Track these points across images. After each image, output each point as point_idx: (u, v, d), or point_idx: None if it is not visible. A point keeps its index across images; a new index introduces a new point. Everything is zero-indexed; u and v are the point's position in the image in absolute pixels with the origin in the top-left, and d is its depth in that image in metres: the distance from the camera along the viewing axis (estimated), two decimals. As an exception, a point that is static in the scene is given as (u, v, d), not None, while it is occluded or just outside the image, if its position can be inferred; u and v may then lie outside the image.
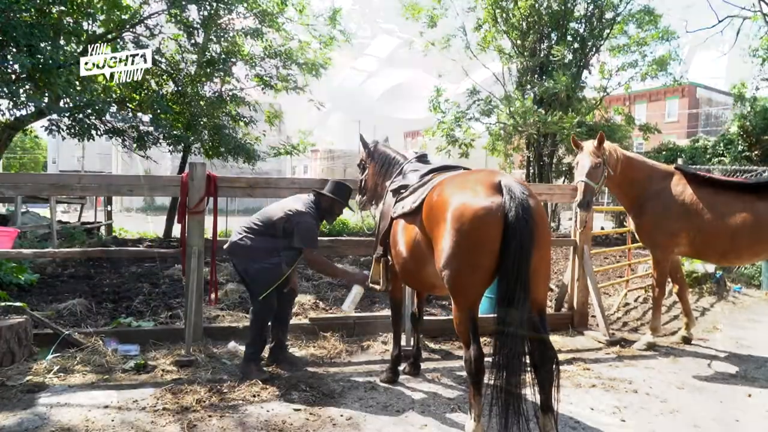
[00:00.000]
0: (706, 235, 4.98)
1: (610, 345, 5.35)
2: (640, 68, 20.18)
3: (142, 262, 9.34)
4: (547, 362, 2.89)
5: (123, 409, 3.58)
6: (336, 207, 4.42)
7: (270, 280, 4.15)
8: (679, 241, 5.10)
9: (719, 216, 4.91)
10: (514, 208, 2.84)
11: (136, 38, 11.68)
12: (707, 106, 40.92)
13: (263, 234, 4.17)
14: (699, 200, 4.99)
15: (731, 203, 4.92)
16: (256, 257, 4.15)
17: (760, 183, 5.04)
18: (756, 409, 3.86)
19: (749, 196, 4.91)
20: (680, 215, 5.01)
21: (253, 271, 4.18)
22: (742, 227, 4.83)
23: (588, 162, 5.02)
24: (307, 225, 4.14)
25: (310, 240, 4.16)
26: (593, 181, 4.97)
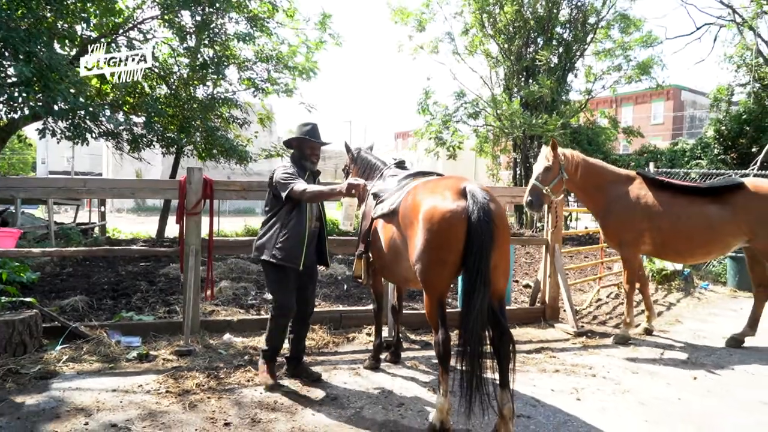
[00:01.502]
0: (665, 235, 5.44)
1: (578, 336, 5.80)
2: (624, 72, 20.73)
3: (139, 261, 9.70)
4: (504, 344, 3.30)
5: (130, 392, 3.95)
6: (303, 146, 4.25)
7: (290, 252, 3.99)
8: (644, 240, 5.55)
9: (676, 218, 5.38)
10: (477, 211, 3.25)
11: (129, 42, 11.98)
12: (692, 108, 41.69)
13: (268, 215, 4.15)
14: (658, 203, 5.45)
15: (687, 206, 5.39)
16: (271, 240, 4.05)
17: (711, 187, 5.50)
18: (697, 389, 4.31)
19: (702, 199, 5.38)
20: (642, 217, 5.46)
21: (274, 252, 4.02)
22: (696, 228, 5.30)
23: (540, 165, 5.55)
24: (280, 172, 4.03)
25: (287, 182, 3.94)
26: (543, 183, 5.48)
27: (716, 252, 5.65)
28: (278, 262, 3.99)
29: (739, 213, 5.22)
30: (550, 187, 5.50)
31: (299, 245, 4.03)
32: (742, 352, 5.39)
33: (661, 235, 5.48)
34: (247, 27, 13.24)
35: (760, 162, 12.64)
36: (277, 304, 4.12)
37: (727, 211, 5.26)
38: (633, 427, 3.59)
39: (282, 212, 4.06)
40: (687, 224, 5.36)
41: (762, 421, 3.74)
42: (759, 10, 14.03)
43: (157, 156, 14.42)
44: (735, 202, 5.26)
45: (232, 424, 3.47)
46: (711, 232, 5.31)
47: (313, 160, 4.31)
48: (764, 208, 5.17)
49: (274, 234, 4.05)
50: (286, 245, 4.00)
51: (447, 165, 28.03)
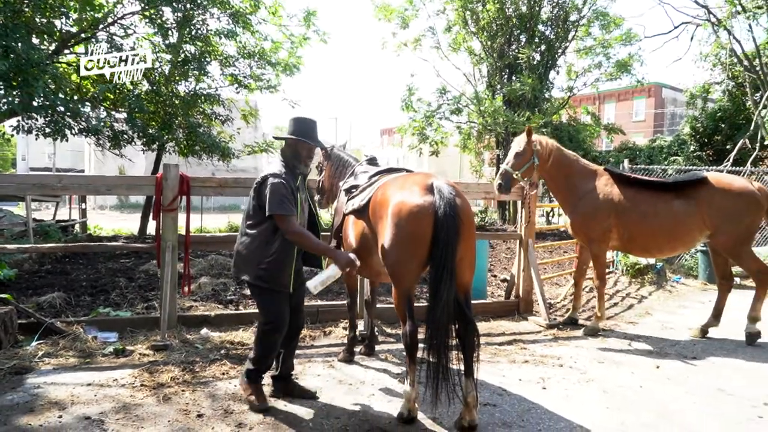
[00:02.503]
0: (632, 231, 5.59)
1: (549, 328, 5.95)
2: (605, 69, 21.01)
3: (118, 258, 9.69)
4: (469, 335, 3.41)
5: (105, 386, 4.00)
6: (299, 148, 3.74)
7: (277, 275, 3.57)
8: (611, 236, 5.70)
9: (642, 213, 5.53)
10: (443, 206, 3.36)
11: (110, 38, 11.90)
12: (672, 105, 42.29)
13: (251, 226, 3.63)
14: (625, 199, 5.59)
15: (652, 201, 5.54)
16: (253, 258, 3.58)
17: (676, 182, 5.66)
18: (659, 377, 4.48)
19: (667, 194, 5.54)
20: (609, 213, 5.60)
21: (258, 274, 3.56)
22: (662, 223, 5.46)
23: (512, 151, 5.73)
24: (271, 187, 3.49)
25: (276, 204, 3.45)
26: (514, 168, 5.65)
27: (682, 246, 5.83)
28: (264, 285, 3.58)
29: (702, 207, 5.39)
30: (520, 172, 5.66)
31: (287, 268, 3.61)
32: (705, 342, 5.58)
33: (628, 230, 5.63)
34: (229, 23, 13.23)
35: (732, 158, 12.94)
36: (269, 318, 3.62)
37: (690, 206, 5.42)
38: (594, 413, 3.72)
39: (267, 227, 3.57)
40: (652, 219, 5.50)
41: (717, 406, 3.90)
42: (733, 10, 14.30)
43: (140, 153, 14.36)
44: (698, 197, 5.42)
45: (205, 415, 3.54)
46: (676, 226, 5.47)
47: (307, 163, 3.84)
48: (725, 202, 5.35)
49: (257, 252, 3.56)
50: (272, 268, 3.55)
51: (432, 161, 28.23)
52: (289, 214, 3.49)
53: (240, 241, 3.68)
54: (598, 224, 5.68)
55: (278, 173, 3.59)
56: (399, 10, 20.47)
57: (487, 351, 5.01)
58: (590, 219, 5.72)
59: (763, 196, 5.48)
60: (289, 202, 3.52)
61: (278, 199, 3.47)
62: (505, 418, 3.63)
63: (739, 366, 4.82)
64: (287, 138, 3.74)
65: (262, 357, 3.66)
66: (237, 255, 3.69)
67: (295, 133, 3.74)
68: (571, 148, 18.46)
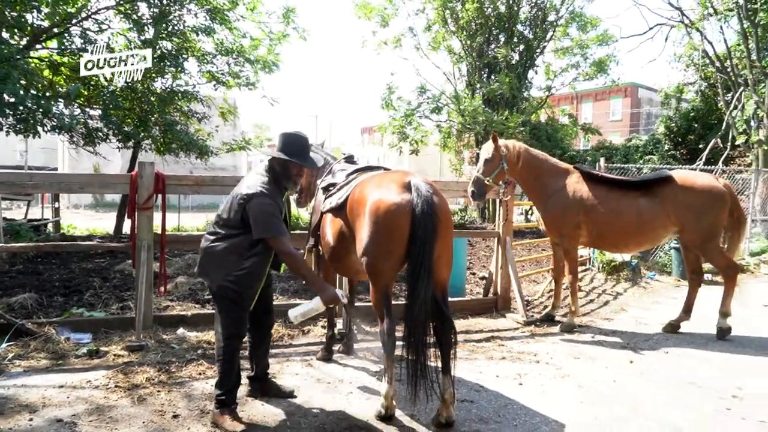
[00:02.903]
0: (601, 227, 5.72)
1: (527, 325, 6.02)
2: (582, 69, 21.32)
3: (93, 257, 9.51)
4: (446, 332, 3.43)
5: (78, 388, 3.93)
6: (291, 169, 3.56)
7: (243, 291, 3.40)
8: (581, 232, 5.81)
9: (610, 211, 5.66)
10: (420, 204, 3.37)
11: (83, 33, 11.66)
12: (648, 105, 43.06)
13: (228, 235, 3.41)
14: (594, 197, 5.72)
15: (620, 199, 5.68)
16: (222, 266, 3.39)
17: (642, 181, 5.82)
18: (632, 371, 4.57)
19: (634, 192, 5.68)
20: (579, 210, 5.71)
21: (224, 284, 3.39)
22: (629, 220, 5.59)
23: (481, 158, 5.82)
24: (260, 209, 3.30)
25: (267, 226, 3.29)
26: (485, 174, 5.74)
27: (648, 243, 5.98)
28: (227, 296, 3.41)
29: (667, 205, 5.53)
30: (491, 178, 5.75)
31: (256, 284, 3.45)
32: (677, 336, 5.71)
33: (597, 227, 5.76)
34: (207, 19, 13.06)
35: (705, 157, 13.24)
36: (227, 327, 3.45)
37: (656, 204, 5.56)
38: (569, 408, 3.78)
39: (244, 240, 3.36)
40: (619, 216, 5.65)
41: (687, 399, 3.99)
42: (705, 12, 14.64)
43: (115, 151, 14.13)
44: (663, 195, 5.57)
45: (180, 415, 3.50)
46: (642, 223, 5.61)
47: (297, 182, 3.67)
48: (690, 199, 5.51)
49: (229, 263, 3.36)
50: (241, 282, 3.37)
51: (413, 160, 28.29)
52: (282, 235, 3.34)
53: (210, 242, 3.45)
54: (569, 221, 5.79)
55: (266, 192, 3.37)
56: (379, 8, 20.49)
57: (465, 348, 5.04)
58: (561, 216, 5.82)
59: (728, 192, 5.64)
60: (280, 223, 3.38)
61: (268, 220, 3.30)
62: (482, 413, 3.66)
63: (709, 359, 4.94)
64: (277, 156, 3.53)
65: (225, 373, 3.43)
66: (205, 255, 3.48)
67: (287, 151, 3.53)
68: (550, 147, 18.77)
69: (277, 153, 3.54)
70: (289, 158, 3.51)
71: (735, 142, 14.30)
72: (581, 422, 3.56)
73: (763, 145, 13.46)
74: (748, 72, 13.88)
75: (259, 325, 3.76)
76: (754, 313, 6.78)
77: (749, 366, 4.75)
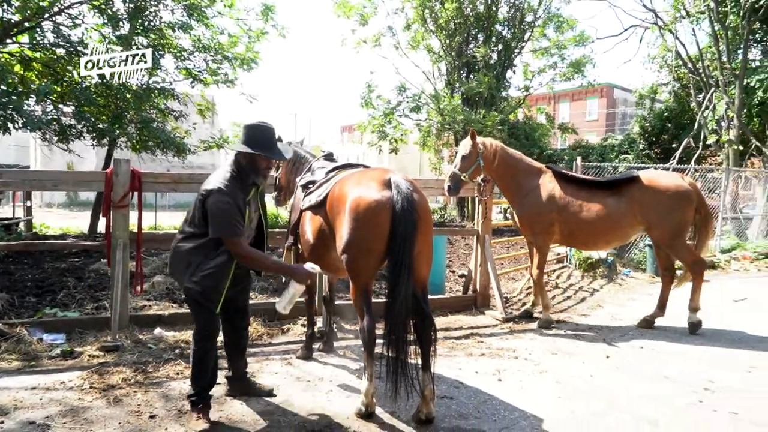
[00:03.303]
0: (571, 226, 5.84)
1: (505, 322, 6.08)
2: (559, 69, 21.59)
3: (67, 257, 9.31)
4: (426, 329, 3.44)
5: (51, 389, 3.84)
6: (258, 162, 3.40)
7: (208, 292, 3.30)
8: (553, 230, 5.92)
9: (580, 209, 5.77)
10: (401, 201, 3.37)
11: (56, 28, 11.40)
12: (623, 105, 43.82)
13: (193, 234, 3.33)
14: (565, 196, 5.84)
15: (590, 198, 5.81)
16: (187, 266, 3.30)
17: (611, 180, 5.97)
18: (609, 366, 4.65)
19: (603, 192, 5.81)
20: (551, 209, 5.83)
21: (188, 285, 3.31)
22: (597, 219, 5.72)
23: (459, 154, 5.91)
24: (216, 206, 3.18)
25: (222, 226, 3.17)
26: (462, 170, 5.85)
27: (617, 240, 6.12)
28: (191, 296, 3.35)
29: (634, 204, 5.69)
30: (467, 174, 5.86)
31: (220, 285, 3.33)
32: (652, 332, 5.83)
33: (568, 225, 5.88)
34: (183, 15, 12.88)
35: (678, 157, 13.52)
36: (198, 326, 3.41)
37: (623, 203, 5.72)
38: (547, 403, 3.83)
39: (211, 241, 3.27)
40: (589, 215, 5.77)
41: (662, 392, 4.08)
42: (678, 15, 14.95)
43: (90, 148, 13.82)
44: (630, 194, 5.72)
45: (157, 416, 3.45)
46: (610, 222, 5.75)
47: (266, 175, 3.52)
48: (656, 199, 5.66)
49: (194, 263, 3.28)
50: (205, 283, 3.27)
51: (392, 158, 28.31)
52: (236, 235, 3.19)
53: (178, 242, 3.39)
54: (542, 219, 5.90)
55: (224, 188, 3.22)
56: (358, 7, 20.45)
57: (444, 345, 5.07)
58: (535, 215, 5.93)
59: (694, 191, 5.81)
60: (237, 223, 3.21)
61: (223, 221, 3.17)
62: (462, 410, 3.69)
63: (682, 354, 5.05)
64: (243, 150, 3.36)
65: (197, 370, 3.38)
66: (173, 255, 3.42)
67: (252, 144, 3.36)
68: (528, 146, 18.98)
69: (242, 147, 3.37)
70: (255, 151, 3.35)
71: (706, 141, 14.63)
72: (559, 417, 3.61)
73: (733, 145, 13.81)
74: (719, 73, 14.22)
75: (233, 326, 3.71)
76: (725, 309, 6.96)
77: (720, 360, 4.88)
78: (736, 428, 3.50)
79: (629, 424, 3.53)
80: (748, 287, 8.52)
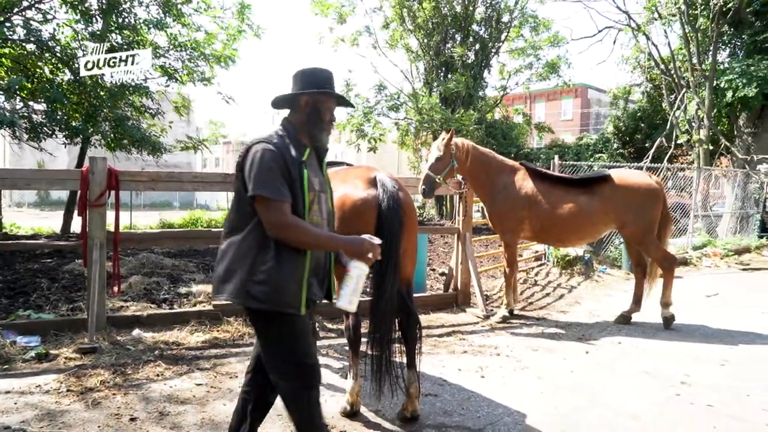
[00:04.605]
0: (543, 222, 5.94)
1: (486, 319, 6.14)
2: (535, 70, 21.86)
3: (39, 257, 9.07)
4: (411, 326, 3.46)
5: (26, 393, 3.74)
6: (322, 108, 2.55)
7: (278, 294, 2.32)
8: (523, 227, 6.00)
9: (552, 207, 5.88)
10: (386, 200, 3.38)
11: (26, 23, 11.10)
12: (597, 106, 44.58)
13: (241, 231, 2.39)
14: (538, 193, 5.93)
15: (562, 196, 5.91)
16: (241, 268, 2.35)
17: (582, 179, 6.09)
18: (588, 362, 4.74)
19: (575, 190, 5.93)
20: (523, 205, 5.91)
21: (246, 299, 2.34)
22: (569, 216, 5.83)
23: (432, 155, 5.92)
24: (257, 159, 2.33)
25: (260, 182, 2.29)
26: (435, 172, 5.83)
27: (588, 237, 6.27)
28: (260, 307, 2.34)
29: (606, 203, 5.82)
30: (441, 176, 5.86)
31: (298, 279, 2.37)
32: (629, 327, 5.95)
33: (539, 222, 5.98)
34: (159, 13, 12.66)
35: (651, 156, 13.82)
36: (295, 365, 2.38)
37: (595, 201, 5.84)
38: (529, 399, 3.88)
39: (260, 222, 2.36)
40: (561, 213, 5.87)
41: (640, 387, 4.17)
42: (650, 17, 15.28)
43: (61, 147, 13.49)
44: (602, 193, 5.84)
45: (138, 418, 3.39)
46: (582, 219, 5.87)
47: (329, 130, 2.64)
48: (627, 197, 5.81)
49: (254, 259, 2.33)
50: (275, 280, 2.31)
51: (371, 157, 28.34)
52: (277, 198, 2.28)
53: (227, 250, 2.42)
54: (513, 216, 5.98)
55: (269, 139, 2.40)
56: (335, 5, 20.37)
57: (427, 343, 5.09)
58: (506, 211, 6.01)
59: (661, 189, 6.01)
60: (281, 182, 2.32)
61: (263, 174, 2.29)
62: (446, 407, 3.71)
63: (658, 349, 5.16)
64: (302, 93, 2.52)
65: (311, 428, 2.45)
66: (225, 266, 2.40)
67: (313, 83, 2.54)
68: (505, 145, 19.17)
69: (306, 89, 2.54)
70: (318, 89, 2.53)
71: (678, 141, 14.99)
72: (541, 412, 3.66)
73: (703, 144, 14.18)
74: (690, 75, 14.58)
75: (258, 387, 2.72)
76: (698, 304, 7.14)
77: (695, 354, 5.00)
78: (713, 421, 3.60)
79: (611, 419, 3.60)
80: (719, 283, 8.75)
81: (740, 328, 5.90)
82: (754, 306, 7.03)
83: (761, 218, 13.87)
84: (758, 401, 3.90)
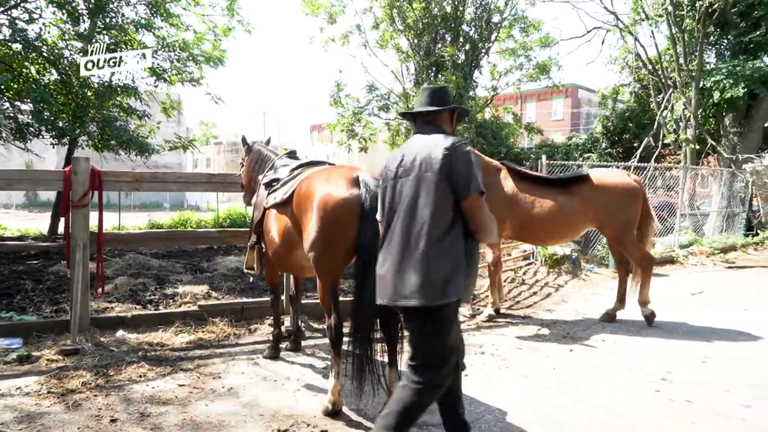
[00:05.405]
0: (524, 222, 5.97)
1: (472, 318, 6.17)
2: (526, 70, 21.92)
3: (25, 259, 9.01)
4: (393, 325, 3.46)
5: (6, 395, 3.72)
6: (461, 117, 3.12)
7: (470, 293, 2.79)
8: (505, 226, 6.03)
9: (533, 206, 5.91)
10: (369, 199, 3.38)
11: (12, 22, 11.00)
12: (587, 106, 44.84)
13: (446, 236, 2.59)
14: (519, 192, 5.97)
15: (543, 195, 5.96)
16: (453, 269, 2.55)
17: (561, 179, 6.15)
18: (572, 360, 4.76)
19: (555, 189, 5.97)
20: (505, 205, 5.94)
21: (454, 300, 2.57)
22: (549, 216, 5.87)
23: None
24: (472, 158, 2.66)
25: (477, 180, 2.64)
26: None
27: (568, 236, 6.34)
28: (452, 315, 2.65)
29: (585, 202, 5.87)
30: None
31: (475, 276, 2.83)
32: (613, 325, 5.99)
33: (519, 222, 6.02)
34: (147, 13, 12.60)
35: (639, 155, 13.92)
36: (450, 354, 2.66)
37: (574, 201, 5.89)
38: (512, 397, 3.90)
39: (462, 227, 2.64)
40: (540, 212, 5.91)
41: (622, 384, 4.20)
42: (637, 18, 15.39)
43: (49, 148, 13.39)
44: (581, 193, 5.89)
45: (118, 420, 3.38)
46: (561, 219, 5.92)
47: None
48: (605, 197, 5.86)
49: (460, 264, 2.57)
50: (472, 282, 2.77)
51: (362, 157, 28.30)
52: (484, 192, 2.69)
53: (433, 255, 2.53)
54: (495, 215, 5.97)
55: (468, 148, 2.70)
56: (326, 5, 20.34)
57: (403, 340, 5.09)
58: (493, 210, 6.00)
59: (641, 188, 6.06)
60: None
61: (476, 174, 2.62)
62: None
63: (641, 346, 5.20)
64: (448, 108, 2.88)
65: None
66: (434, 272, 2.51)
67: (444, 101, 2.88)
68: (495, 145, 19.22)
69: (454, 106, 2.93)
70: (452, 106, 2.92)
71: (665, 140, 15.11)
72: (524, 410, 3.67)
73: (690, 144, 14.29)
74: (677, 75, 14.70)
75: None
76: (682, 302, 7.20)
77: (677, 351, 5.04)
78: (692, 417, 3.63)
79: (594, 416, 3.62)
80: (705, 281, 8.83)
81: (723, 325, 5.96)
82: (737, 303, 7.10)
83: (747, 217, 14.02)
84: (738, 397, 3.94)
